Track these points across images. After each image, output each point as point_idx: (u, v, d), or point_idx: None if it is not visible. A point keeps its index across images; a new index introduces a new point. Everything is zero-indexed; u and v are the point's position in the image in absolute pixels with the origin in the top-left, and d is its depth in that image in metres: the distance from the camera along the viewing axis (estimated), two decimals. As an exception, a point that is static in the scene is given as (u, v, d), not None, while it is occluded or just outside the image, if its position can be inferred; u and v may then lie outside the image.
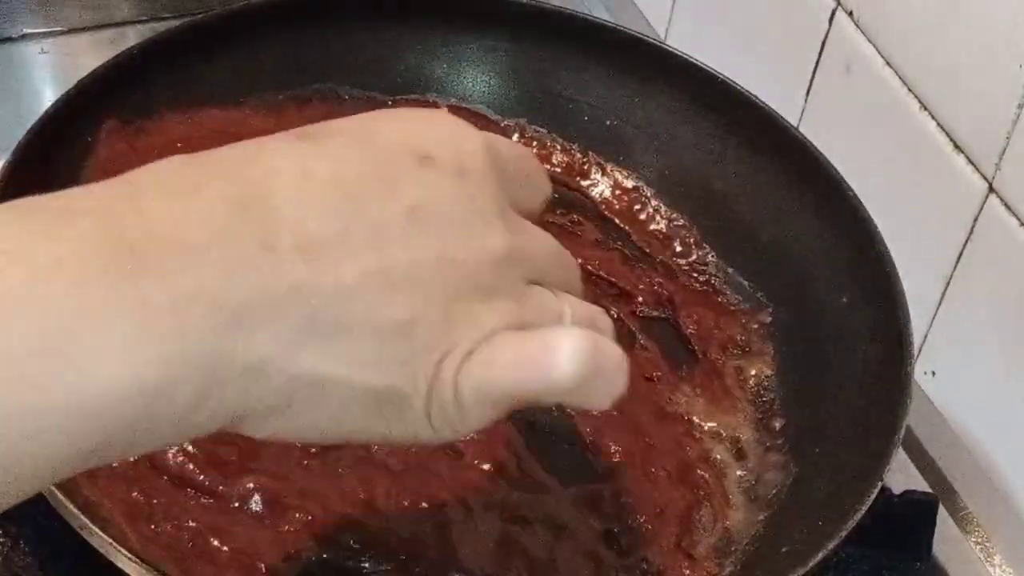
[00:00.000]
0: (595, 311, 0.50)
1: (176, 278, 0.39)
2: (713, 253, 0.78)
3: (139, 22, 0.95)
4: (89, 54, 0.91)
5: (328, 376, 0.42)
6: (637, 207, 0.80)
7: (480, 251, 0.44)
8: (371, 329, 0.42)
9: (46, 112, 0.69)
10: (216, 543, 0.59)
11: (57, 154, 0.70)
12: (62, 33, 0.94)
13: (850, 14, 0.83)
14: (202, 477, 0.61)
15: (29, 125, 0.68)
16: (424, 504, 0.62)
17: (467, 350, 0.43)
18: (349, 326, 0.41)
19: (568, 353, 0.44)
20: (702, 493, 0.66)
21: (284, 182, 0.42)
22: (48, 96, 0.88)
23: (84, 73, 0.71)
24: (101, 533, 0.55)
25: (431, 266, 0.43)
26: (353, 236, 0.42)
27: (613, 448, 0.67)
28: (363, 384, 0.42)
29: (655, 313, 0.75)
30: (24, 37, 0.93)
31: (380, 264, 0.42)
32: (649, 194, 0.80)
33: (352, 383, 0.42)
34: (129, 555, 0.54)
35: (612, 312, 0.74)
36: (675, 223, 0.79)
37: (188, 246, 0.40)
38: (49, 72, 0.93)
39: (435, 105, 0.81)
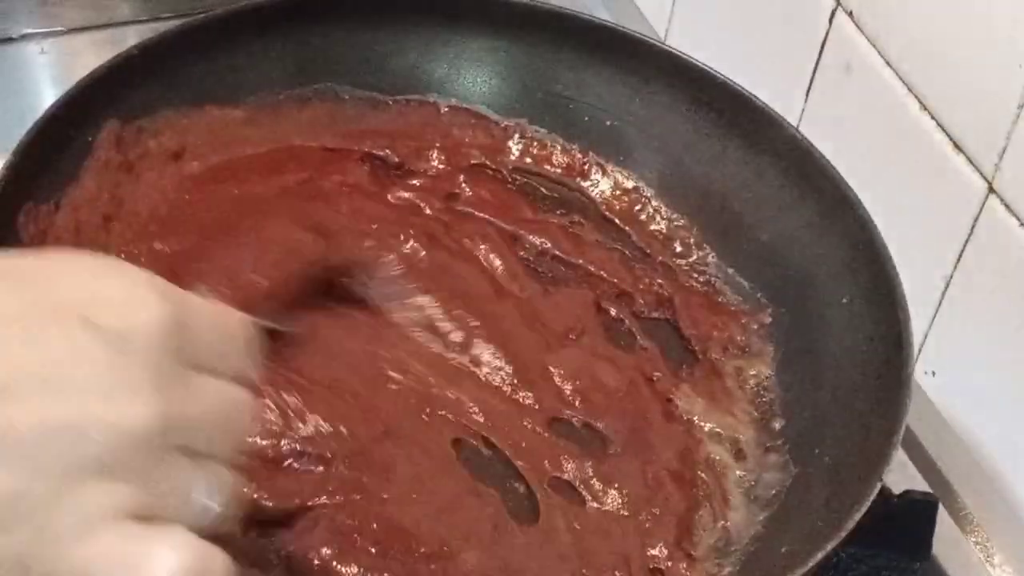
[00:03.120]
0: (234, 483, 0.46)
1: None
2: (713, 254, 0.78)
3: (139, 22, 0.95)
4: (89, 54, 0.91)
5: None
6: (637, 207, 0.80)
7: (116, 423, 0.41)
8: None
9: (46, 112, 0.69)
10: None
11: (57, 154, 0.70)
12: (62, 33, 0.94)
13: (850, 14, 0.83)
14: None
15: (29, 125, 0.67)
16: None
17: (71, 534, 0.40)
18: None
19: (165, 570, 0.41)
20: (702, 493, 0.66)
21: None
22: (48, 96, 0.88)
23: (84, 73, 0.71)
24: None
25: (52, 435, 0.40)
26: None
27: (612, 449, 0.67)
28: None
29: (655, 314, 0.75)
30: (24, 37, 0.93)
31: None
32: (649, 195, 0.80)
33: None
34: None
35: (612, 312, 0.74)
36: (675, 223, 0.79)
37: None
38: (49, 72, 0.93)
39: (435, 105, 0.82)
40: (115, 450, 0.41)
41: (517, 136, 0.81)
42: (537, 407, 0.68)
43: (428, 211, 0.76)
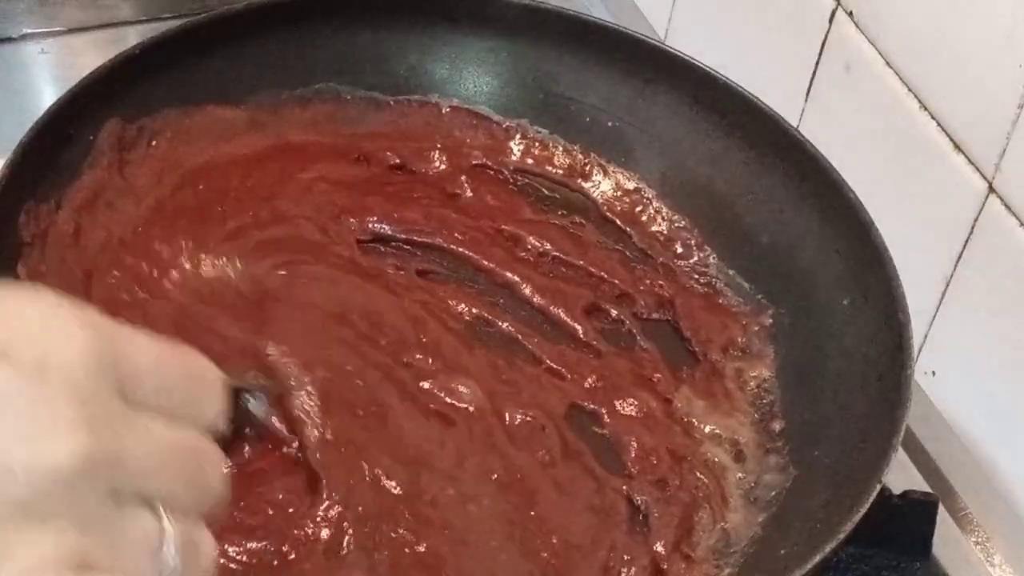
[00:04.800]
0: (198, 539, 0.42)
1: None
2: (714, 255, 0.78)
3: (139, 22, 0.95)
4: (89, 54, 0.91)
5: None
6: (638, 208, 0.80)
7: (38, 461, 0.37)
8: None
9: (46, 112, 0.69)
10: None
11: (57, 154, 0.70)
12: (62, 33, 0.94)
13: (850, 14, 0.83)
14: None
15: (29, 125, 0.67)
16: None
17: None
18: None
19: None
20: (701, 495, 0.66)
21: None
22: (48, 96, 0.88)
23: (84, 73, 0.71)
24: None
25: None
26: None
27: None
28: None
29: (656, 315, 0.75)
30: (24, 37, 0.93)
31: None
32: (650, 196, 0.80)
33: None
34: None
35: (613, 313, 0.74)
36: (676, 225, 0.79)
37: None
38: (49, 72, 0.93)
39: (437, 106, 0.82)
40: (41, 492, 0.37)
41: (518, 137, 0.82)
42: None
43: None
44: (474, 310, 0.72)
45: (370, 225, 0.75)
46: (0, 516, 0.37)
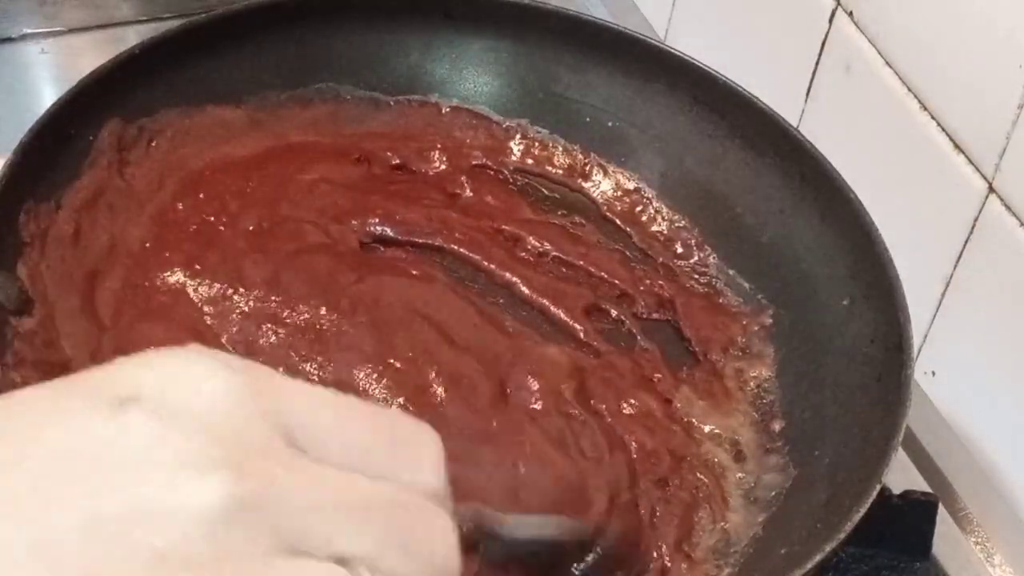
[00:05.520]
0: None
1: None
2: (714, 255, 0.78)
3: (139, 22, 0.95)
4: (89, 54, 0.91)
5: None
6: (639, 208, 0.80)
7: (180, 509, 0.34)
8: None
9: (46, 112, 0.69)
10: None
11: (57, 154, 0.70)
12: (62, 33, 0.94)
13: (850, 14, 0.83)
14: None
15: (29, 125, 0.68)
16: None
17: None
18: None
19: None
20: (701, 495, 0.66)
21: None
22: (48, 96, 0.88)
23: (84, 73, 0.71)
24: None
25: (105, 530, 0.34)
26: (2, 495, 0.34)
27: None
28: None
29: (656, 315, 0.75)
30: (24, 37, 0.93)
31: (33, 535, 0.33)
32: (650, 196, 0.80)
33: None
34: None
35: (613, 313, 0.74)
36: (676, 224, 0.79)
37: None
38: (49, 72, 0.93)
39: (437, 106, 0.82)
40: (187, 538, 0.34)
41: (518, 137, 0.82)
42: None
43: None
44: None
45: (371, 228, 0.75)
46: (138, 568, 0.34)
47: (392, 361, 0.68)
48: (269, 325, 0.68)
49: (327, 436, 0.37)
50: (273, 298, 0.69)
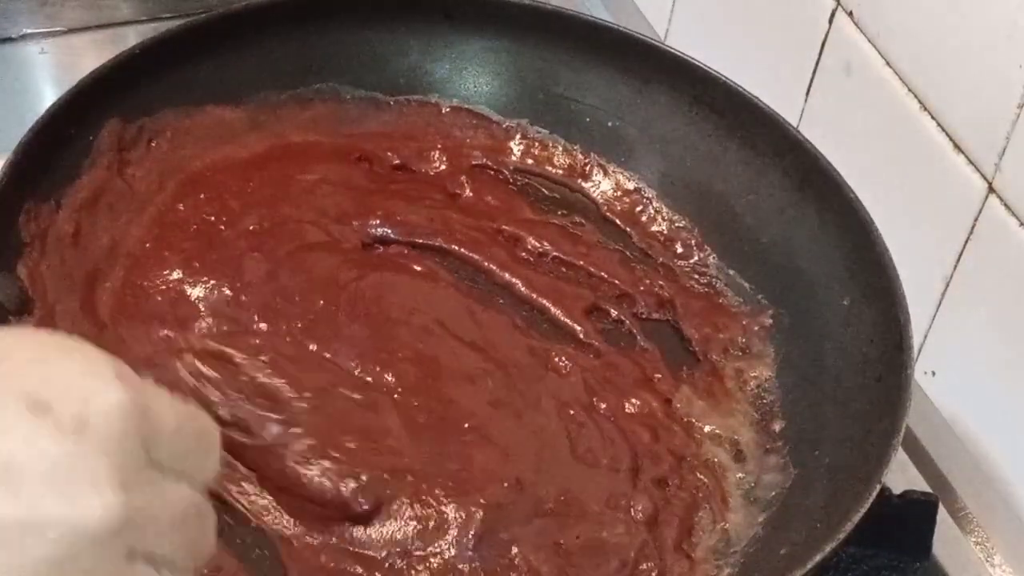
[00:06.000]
0: None
1: None
2: (714, 255, 0.78)
3: (139, 22, 0.95)
4: (89, 54, 0.91)
5: None
6: (639, 208, 0.80)
7: (72, 519, 0.37)
8: None
9: (46, 112, 0.69)
10: None
11: (57, 154, 0.70)
12: (62, 33, 0.94)
13: (850, 14, 0.83)
14: None
15: (29, 125, 0.68)
16: None
17: None
18: None
19: None
20: (701, 495, 0.67)
21: None
22: (48, 96, 0.88)
23: (84, 73, 0.71)
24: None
25: (10, 532, 0.37)
26: None
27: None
28: None
29: (656, 315, 0.75)
30: (24, 37, 0.93)
31: None
32: (650, 196, 0.80)
33: None
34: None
35: (613, 313, 0.74)
36: (676, 225, 0.79)
37: None
38: (49, 72, 0.93)
39: (437, 106, 0.82)
40: (70, 550, 0.37)
41: (518, 137, 0.82)
42: None
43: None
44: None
45: (373, 229, 0.75)
46: (40, 568, 0.37)
47: (394, 355, 0.68)
48: (270, 322, 0.68)
49: (169, 445, 0.42)
50: (275, 296, 0.69)
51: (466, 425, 0.66)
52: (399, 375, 0.67)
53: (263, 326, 0.68)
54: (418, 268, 0.73)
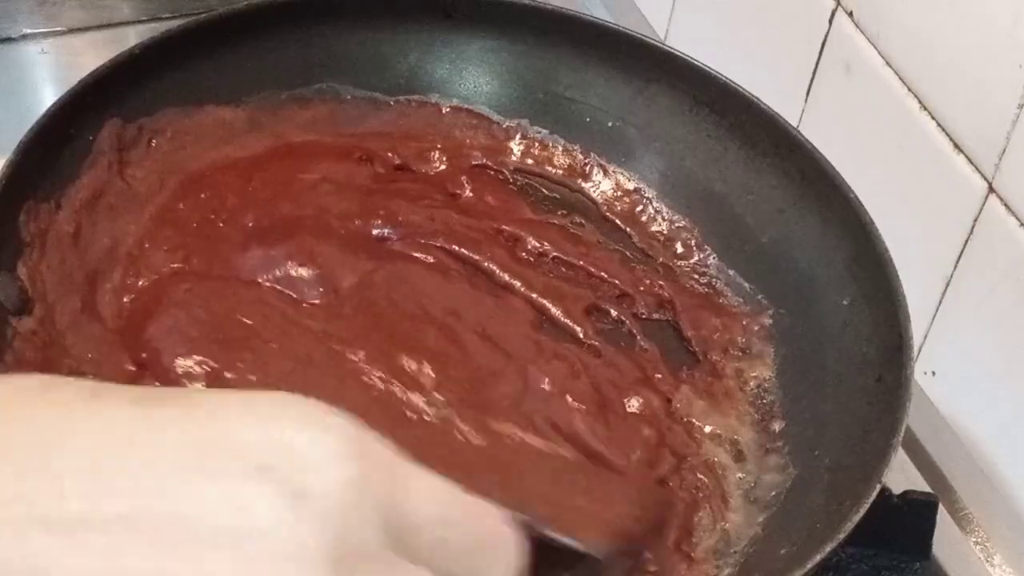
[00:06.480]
0: None
1: None
2: (714, 255, 0.78)
3: (139, 22, 0.95)
4: (89, 54, 0.91)
5: None
6: (639, 209, 0.80)
7: None
8: None
9: (46, 112, 0.69)
10: None
11: (58, 153, 0.70)
12: (62, 33, 0.94)
13: (850, 14, 0.83)
14: None
15: (29, 125, 0.68)
16: None
17: None
18: None
19: None
20: (701, 495, 0.67)
21: (73, 443, 0.36)
22: (48, 96, 0.88)
23: (84, 73, 0.71)
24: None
25: None
26: (92, 526, 0.35)
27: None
28: None
29: (656, 315, 0.75)
30: (24, 37, 0.93)
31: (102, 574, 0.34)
32: (650, 196, 0.80)
33: None
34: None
35: (613, 313, 0.74)
36: (676, 225, 0.79)
37: None
38: (49, 72, 0.93)
39: (437, 106, 0.82)
40: None
41: (518, 137, 0.82)
42: None
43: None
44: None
45: (374, 229, 0.75)
46: None
47: (411, 350, 0.68)
48: (280, 319, 0.68)
49: (428, 536, 0.38)
50: (285, 291, 0.69)
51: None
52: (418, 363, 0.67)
53: (275, 325, 0.68)
54: (431, 260, 0.73)
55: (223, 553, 0.35)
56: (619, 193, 0.80)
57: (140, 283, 0.69)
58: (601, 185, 0.81)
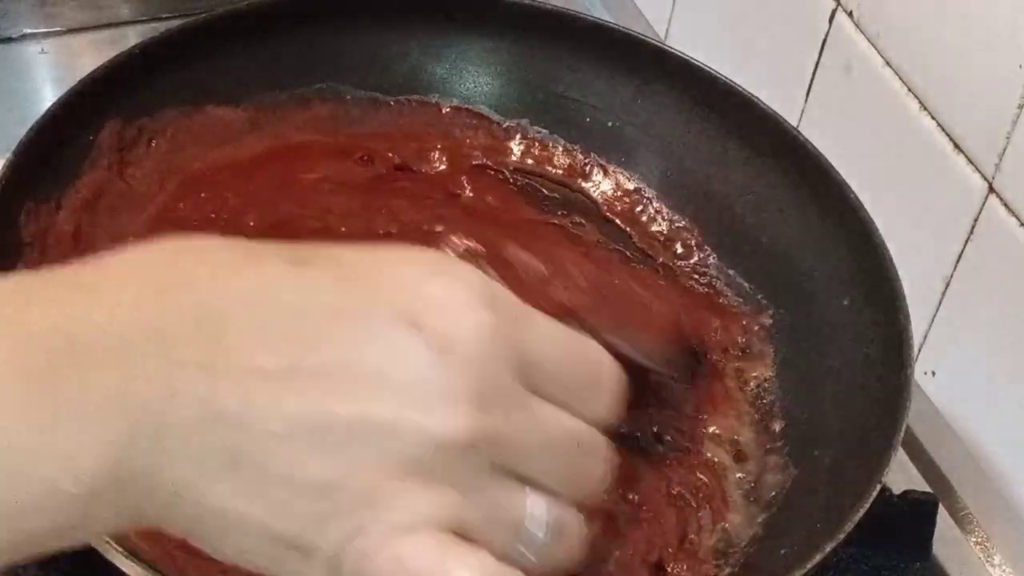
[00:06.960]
0: (567, 522, 0.45)
1: (114, 390, 0.38)
2: (714, 255, 0.78)
3: (139, 22, 0.95)
4: (89, 54, 0.91)
5: (236, 513, 0.40)
6: (639, 209, 0.80)
7: (431, 432, 0.40)
8: (290, 482, 0.40)
9: (46, 112, 0.69)
10: None
11: (57, 154, 0.70)
12: (62, 33, 0.94)
13: (850, 14, 0.83)
14: None
15: (29, 125, 0.68)
16: None
17: (382, 531, 0.40)
18: (268, 473, 0.40)
19: None
20: (701, 495, 0.66)
21: (245, 302, 0.41)
22: (48, 96, 0.88)
23: (84, 73, 0.71)
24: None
25: (370, 432, 0.40)
26: (298, 377, 0.40)
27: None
28: (270, 529, 0.41)
29: (655, 315, 0.75)
30: (24, 37, 0.93)
31: (315, 417, 0.40)
32: (650, 196, 0.80)
33: (261, 525, 0.41)
34: (126, 554, 0.54)
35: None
36: (676, 225, 0.79)
37: (130, 354, 0.39)
38: (49, 72, 0.93)
39: (437, 106, 0.82)
40: (429, 457, 0.40)
41: (519, 137, 0.81)
42: None
43: None
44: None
45: (376, 231, 0.75)
46: (399, 470, 0.40)
47: None
48: None
49: (548, 371, 0.44)
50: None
51: None
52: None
53: None
54: None
55: (396, 399, 0.40)
56: (619, 193, 0.80)
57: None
58: (601, 185, 0.81)
